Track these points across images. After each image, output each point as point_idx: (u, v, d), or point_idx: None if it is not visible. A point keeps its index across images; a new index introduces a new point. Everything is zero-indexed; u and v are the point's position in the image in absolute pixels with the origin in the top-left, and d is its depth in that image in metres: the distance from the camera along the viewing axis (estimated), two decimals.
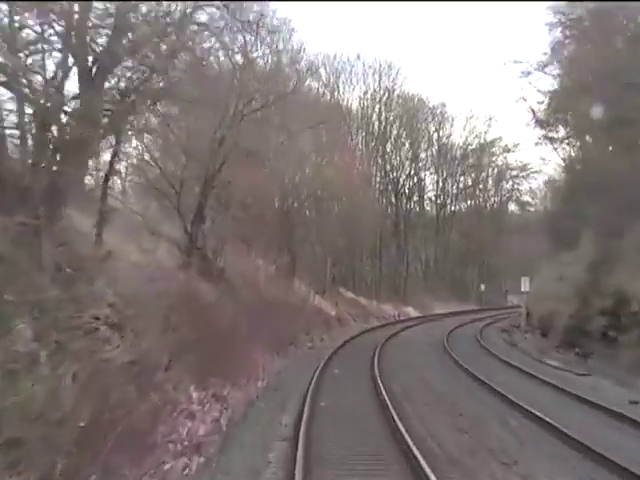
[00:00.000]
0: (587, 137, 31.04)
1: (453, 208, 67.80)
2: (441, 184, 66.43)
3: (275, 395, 15.57)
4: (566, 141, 33.71)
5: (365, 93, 53.02)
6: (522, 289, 28.52)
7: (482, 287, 64.09)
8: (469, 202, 70.44)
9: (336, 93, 50.26)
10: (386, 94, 52.87)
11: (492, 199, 71.43)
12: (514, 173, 70.33)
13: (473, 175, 68.80)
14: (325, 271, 42.42)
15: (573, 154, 35.03)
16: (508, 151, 68.77)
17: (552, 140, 33.61)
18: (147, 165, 22.68)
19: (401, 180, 58.94)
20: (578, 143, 33.36)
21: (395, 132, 55.09)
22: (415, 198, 61.74)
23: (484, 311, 55.01)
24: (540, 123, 32.63)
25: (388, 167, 56.42)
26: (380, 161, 54.33)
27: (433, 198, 66.30)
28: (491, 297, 70.74)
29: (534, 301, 28.91)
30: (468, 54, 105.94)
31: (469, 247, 67.41)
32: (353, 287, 48.55)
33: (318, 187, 35.03)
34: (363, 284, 51.50)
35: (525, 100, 33.53)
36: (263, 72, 26.38)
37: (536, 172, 67.30)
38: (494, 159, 68.35)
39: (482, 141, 65.68)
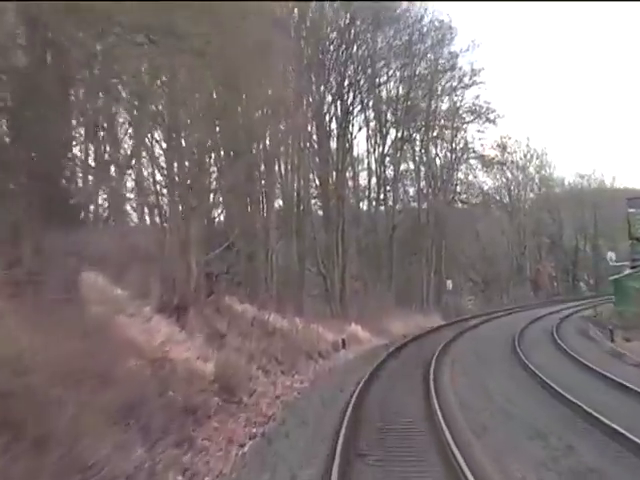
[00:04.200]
0: None
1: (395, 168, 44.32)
2: (377, 134, 42.98)
3: None
4: None
5: None
6: None
7: (449, 284, 40.91)
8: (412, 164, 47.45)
9: None
10: None
11: (444, 153, 48.78)
12: (471, 118, 48.73)
13: (419, 119, 46.04)
14: (187, 255, 17.23)
15: None
16: (465, 85, 47.12)
17: None
18: None
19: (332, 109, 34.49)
20: None
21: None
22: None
23: (476, 327, 32.21)
24: None
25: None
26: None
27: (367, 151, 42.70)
28: (448, 299, 48.53)
29: None
30: None
31: (417, 227, 44.76)
32: (251, 293, 23.79)
33: None
34: (268, 287, 26.58)
35: None
36: None
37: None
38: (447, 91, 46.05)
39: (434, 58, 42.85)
